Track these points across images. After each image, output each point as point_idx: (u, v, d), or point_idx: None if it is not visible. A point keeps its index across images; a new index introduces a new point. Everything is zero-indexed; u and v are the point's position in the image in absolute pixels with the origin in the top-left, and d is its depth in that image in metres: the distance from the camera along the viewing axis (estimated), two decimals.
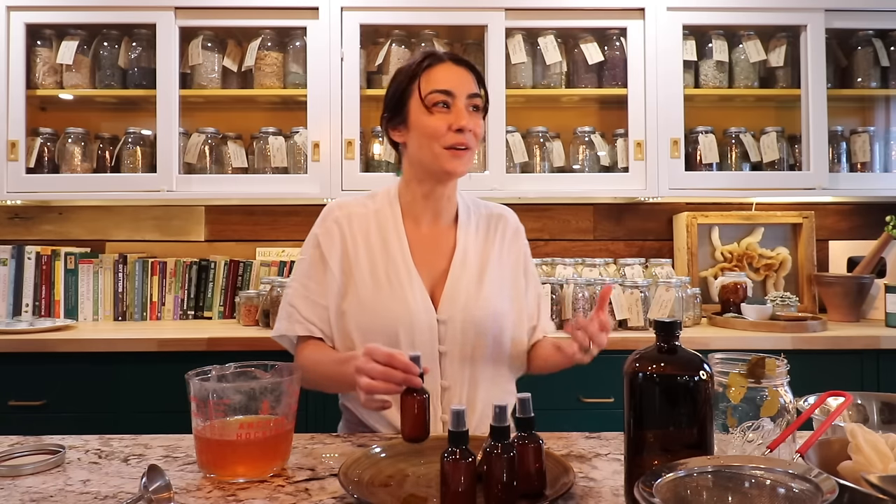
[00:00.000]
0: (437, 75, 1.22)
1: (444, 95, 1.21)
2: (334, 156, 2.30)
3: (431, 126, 1.21)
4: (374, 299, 1.21)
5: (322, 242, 1.27)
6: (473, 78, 1.25)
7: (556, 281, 2.23)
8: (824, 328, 2.14)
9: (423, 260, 1.26)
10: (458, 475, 0.75)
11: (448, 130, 1.20)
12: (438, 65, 1.24)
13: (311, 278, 1.26)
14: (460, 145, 1.20)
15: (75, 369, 2.00)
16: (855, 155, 2.51)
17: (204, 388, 0.91)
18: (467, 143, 1.21)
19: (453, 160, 1.21)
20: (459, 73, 1.24)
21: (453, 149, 1.20)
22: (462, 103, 1.21)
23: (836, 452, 0.73)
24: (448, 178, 1.25)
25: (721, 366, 0.84)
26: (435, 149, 1.21)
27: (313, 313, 1.25)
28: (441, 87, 1.21)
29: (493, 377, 1.26)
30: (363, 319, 1.21)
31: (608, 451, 1.02)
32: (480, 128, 1.25)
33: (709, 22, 2.38)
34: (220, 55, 2.40)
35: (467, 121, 1.20)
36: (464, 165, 1.23)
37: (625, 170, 2.39)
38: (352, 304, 1.22)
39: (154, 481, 0.82)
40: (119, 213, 2.61)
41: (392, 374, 0.94)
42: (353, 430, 1.29)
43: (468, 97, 1.22)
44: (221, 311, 2.46)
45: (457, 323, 1.22)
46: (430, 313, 1.21)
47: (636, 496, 0.61)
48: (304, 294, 1.25)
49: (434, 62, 1.24)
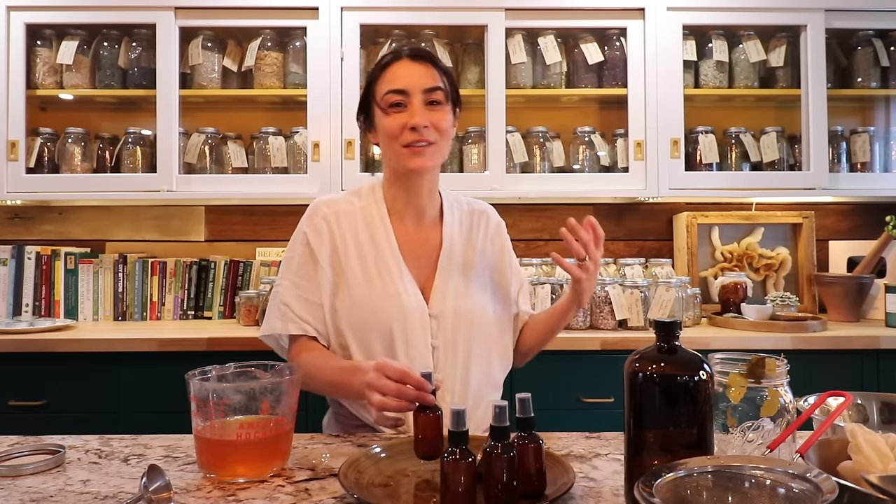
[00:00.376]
0: (393, 74, 1.22)
1: (398, 95, 1.21)
2: (334, 156, 2.30)
3: (388, 127, 1.22)
4: (367, 296, 1.22)
5: (311, 240, 1.26)
6: (434, 71, 1.23)
7: (556, 281, 2.23)
8: (824, 328, 2.14)
9: (411, 256, 1.27)
10: (458, 475, 0.75)
11: (404, 129, 1.20)
12: (394, 63, 1.23)
13: (302, 276, 1.25)
14: (418, 142, 1.20)
15: (75, 369, 2.00)
16: (855, 155, 2.51)
17: (204, 388, 0.91)
18: (426, 139, 1.20)
19: (414, 158, 1.21)
20: (415, 70, 1.22)
21: (412, 146, 1.21)
22: (418, 100, 1.20)
23: (836, 452, 0.73)
24: (414, 175, 1.25)
25: (721, 366, 0.84)
26: (395, 148, 1.22)
27: (308, 311, 1.24)
28: (395, 87, 1.21)
29: (483, 369, 1.27)
30: (356, 316, 1.22)
31: (608, 451, 1.02)
32: (444, 121, 1.23)
33: (709, 22, 2.38)
34: (220, 55, 2.40)
35: (420, 118, 1.19)
36: (428, 160, 1.22)
37: (625, 170, 2.39)
38: (344, 302, 1.23)
39: (154, 481, 0.82)
40: (119, 213, 2.61)
41: (405, 391, 0.94)
42: (342, 422, 1.29)
43: (424, 92, 1.21)
44: (221, 311, 2.46)
45: (448, 316, 1.23)
46: (422, 308, 1.22)
47: (636, 496, 0.61)
48: (296, 293, 1.24)
49: (391, 60, 1.24)
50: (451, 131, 1.26)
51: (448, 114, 1.25)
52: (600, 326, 2.17)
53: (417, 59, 1.23)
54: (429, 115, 1.21)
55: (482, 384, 1.27)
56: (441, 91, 1.22)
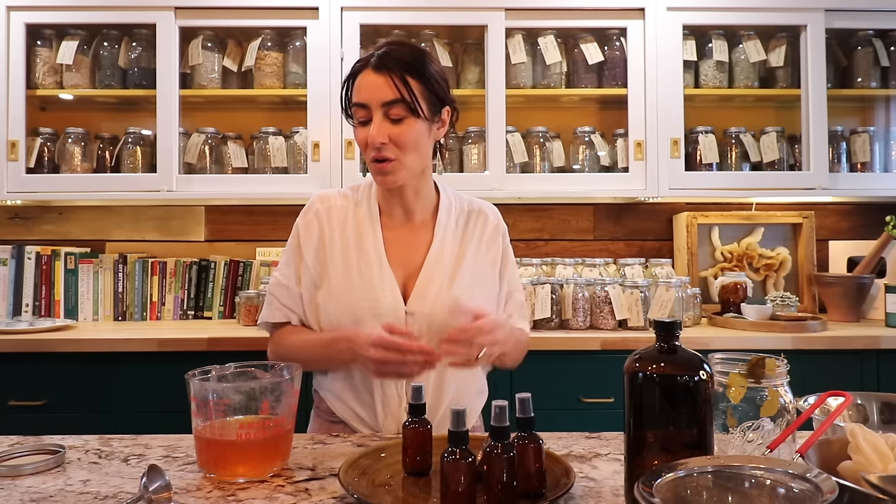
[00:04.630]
0: (358, 85, 1.19)
1: (361, 110, 1.19)
2: (334, 156, 2.30)
3: (358, 140, 1.22)
4: (344, 291, 1.23)
5: (301, 234, 1.30)
6: (396, 82, 1.16)
7: (556, 281, 2.23)
8: (824, 328, 2.14)
9: (397, 255, 1.27)
10: (458, 475, 0.75)
11: (368, 145, 1.19)
12: (361, 73, 1.19)
13: (288, 266, 1.30)
14: (378, 159, 1.19)
15: (75, 369, 2.00)
16: (855, 155, 2.51)
17: (204, 388, 0.91)
18: (384, 156, 1.18)
19: (378, 175, 1.21)
20: (375, 82, 1.17)
21: (374, 162, 1.20)
22: (378, 116, 1.17)
23: (836, 452, 0.73)
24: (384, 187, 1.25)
25: (721, 366, 0.84)
26: (367, 160, 1.22)
27: (290, 300, 1.28)
28: (358, 101, 1.19)
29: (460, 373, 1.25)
30: (333, 313, 1.23)
31: (608, 451, 1.02)
32: (404, 135, 1.17)
33: (709, 22, 2.38)
34: (220, 55, 2.40)
35: (375, 135, 1.16)
36: (391, 177, 1.20)
37: (625, 170, 2.39)
38: (324, 297, 1.25)
39: (154, 481, 0.82)
40: (119, 213, 2.61)
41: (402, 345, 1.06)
42: (323, 418, 1.30)
43: (383, 105, 1.16)
44: (221, 311, 2.46)
45: (424, 315, 1.22)
46: (398, 306, 1.22)
47: (636, 496, 0.61)
48: (282, 283, 1.29)
49: (358, 69, 1.20)
50: (420, 143, 1.20)
51: (412, 127, 1.18)
52: (600, 326, 2.17)
53: (381, 70, 1.16)
54: (389, 130, 1.17)
55: (461, 385, 1.26)
56: (402, 104, 1.16)
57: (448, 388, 1.24)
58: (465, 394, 1.28)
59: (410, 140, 1.19)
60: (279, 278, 1.30)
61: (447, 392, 1.24)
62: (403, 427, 0.93)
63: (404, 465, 0.92)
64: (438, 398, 1.24)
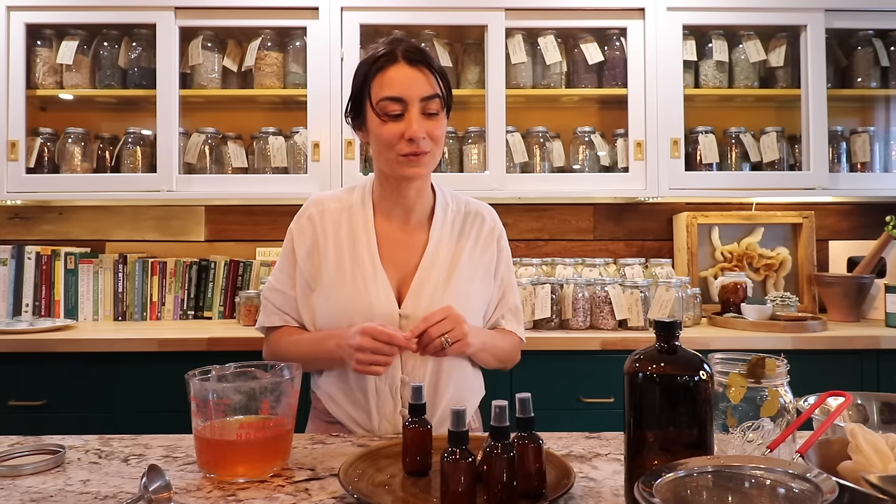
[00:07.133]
0: (389, 79, 1.17)
1: (395, 104, 1.16)
2: (334, 156, 2.30)
3: (385, 136, 1.18)
4: (337, 294, 1.23)
5: (294, 238, 1.30)
6: (431, 77, 1.18)
7: (556, 281, 2.22)
8: (824, 328, 2.14)
9: (392, 257, 1.26)
10: (458, 475, 0.75)
11: (401, 139, 1.17)
12: (390, 67, 1.18)
13: (282, 271, 1.31)
14: (415, 153, 1.18)
15: (75, 369, 2.00)
16: (855, 155, 2.51)
17: (204, 388, 0.91)
18: (423, 150, 1.18)
19: (409, 167, 1.20)
20: (412, 76, 1.17)
21: (408, 156, 1.19)
22: (415, 110, 1.17)
23: (836, 452, 0.73)
24: (406, 182, 1.24)
25: (721, 366, 0.84)
26: (390, 156, 1.20)
27: (285, 304, 1.30)
28: (392, 94, 1.16)
29: (457, 373, 1.26)
30: (327, 316, 1.23)
31: (608, 451, 1.02)
32: (439, 129, 1.20)
33: (709, 22, 2.38)
34: (220, 55, 2.40)
35: (418, 130, 1.16)
36: (423, 168, 1.21)
37: (625, 170, 2.39)
38: (318, 300, 1.25)
39: (154, 481, 0.82)
40: (119, 213, 2.61)
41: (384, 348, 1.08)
42: (321, 419, 1.30)
43: (422, 100, 1.17)
44: (221, 311, 2.46)
45: (418, 317, 1.20)
46: (391, 309, 1.22)
47: (636, 496, 0.61)
48: (276, 288, 1.31)
49: (386, 63, 1.18)
50: (444, 137, 1.25)
51: (443, 121, 1.21)
52: (600, 326, 2.17)
53: (415, 64, 1.18)
54: (425, 126, 1.17)
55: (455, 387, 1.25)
56: (438, 99, 1.19)
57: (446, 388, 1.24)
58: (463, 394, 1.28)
59: (442, 133, 1.23)
60: (273, 283, 1.31)
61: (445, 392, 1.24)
62: (403, 427, 0.93)
63: (404, 465, 0.92)
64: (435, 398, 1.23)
